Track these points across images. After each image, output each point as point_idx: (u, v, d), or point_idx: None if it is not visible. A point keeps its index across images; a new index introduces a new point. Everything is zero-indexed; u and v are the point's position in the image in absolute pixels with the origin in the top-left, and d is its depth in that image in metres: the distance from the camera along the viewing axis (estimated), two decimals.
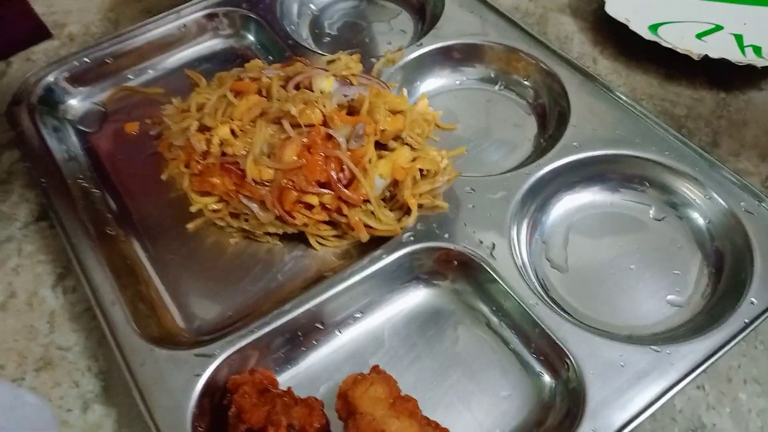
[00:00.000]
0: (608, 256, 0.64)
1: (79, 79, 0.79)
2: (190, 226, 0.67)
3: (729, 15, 0.85)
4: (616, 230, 0.66)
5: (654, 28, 0.82)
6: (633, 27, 0.81)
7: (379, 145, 0.66)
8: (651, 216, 0.66)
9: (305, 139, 0.63)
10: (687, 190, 0.65)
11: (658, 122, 0.69)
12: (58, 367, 0.59)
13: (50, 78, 0.77)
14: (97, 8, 0.92)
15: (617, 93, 0.72)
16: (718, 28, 0.83)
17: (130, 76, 0.81)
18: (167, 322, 0.59)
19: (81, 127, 0.76)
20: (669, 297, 0.60)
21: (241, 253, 0.65)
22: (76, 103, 0.78)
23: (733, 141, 0.74)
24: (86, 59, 0.78)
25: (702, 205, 0.64)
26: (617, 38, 0.84)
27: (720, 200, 0.63)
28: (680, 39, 0.81)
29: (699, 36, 0.82)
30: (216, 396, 0.53)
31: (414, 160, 0.66)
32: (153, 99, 0.78)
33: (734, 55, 0.77)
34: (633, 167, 0.67)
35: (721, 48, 0.79)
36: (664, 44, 0.79)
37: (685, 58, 0.78)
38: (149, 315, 0.59)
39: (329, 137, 0.63)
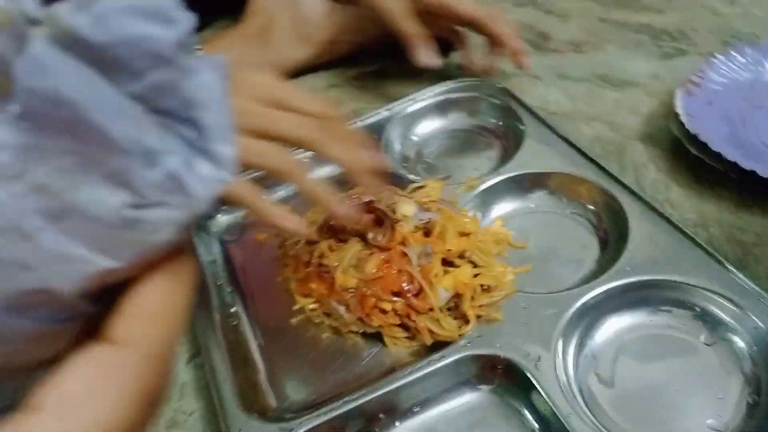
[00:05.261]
0: (656, 376, 0.68)
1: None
2: (293, 321, 0.82)
3: None
4: (667, 352, 0.70)
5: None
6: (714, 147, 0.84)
7: (446, 262, 0.77)
8: (702, 340, 0.69)
9: (384, 256, 0.76)
10: (733, 318, 0.68)
11: (712, 252, 0.73)
12: (182, 428, 0.75)
13: None
14: None
15: (676, 221, 0.78)
16: None
17: None
18: (263, 399, 0.73)
19: (224, 237, 0.97)
20: (708, 421, 0.63)
21: (330, 345, 0.79)
22: (222, 216, 0.99)
23: None
24: None
25: (746, 334, 0.67)
26: (692, 166, 0.89)
27: (765, 329, 0.65)
28: None
29: None
30: None
31: (476, 276, 0.76)
32: None
33: None
34: (684, 293, 0.71)
35: None
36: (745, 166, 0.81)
37: (760, 186, 0.81)
38: (250, 392, 0.73)
39: (404, 254, 0.76)
